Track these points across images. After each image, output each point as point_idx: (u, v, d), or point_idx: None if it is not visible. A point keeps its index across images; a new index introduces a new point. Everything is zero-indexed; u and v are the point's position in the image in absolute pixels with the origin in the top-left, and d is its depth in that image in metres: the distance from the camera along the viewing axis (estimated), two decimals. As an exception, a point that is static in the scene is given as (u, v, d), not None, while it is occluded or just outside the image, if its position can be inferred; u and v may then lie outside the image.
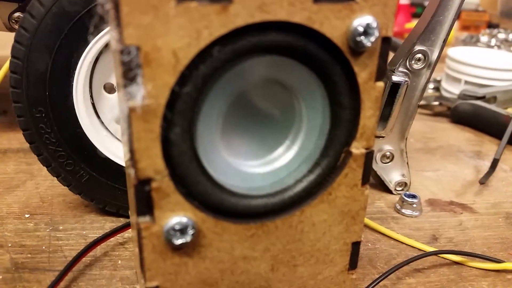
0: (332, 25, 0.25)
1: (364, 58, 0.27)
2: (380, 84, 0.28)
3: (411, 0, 1.43)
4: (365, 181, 0.31)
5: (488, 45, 1.14)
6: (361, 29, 0.25)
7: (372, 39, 0.26)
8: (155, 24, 0.22)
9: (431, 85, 0.88)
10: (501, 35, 1.21)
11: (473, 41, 1.17)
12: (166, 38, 0.22)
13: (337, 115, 0.28)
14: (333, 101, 0.28)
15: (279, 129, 0.30)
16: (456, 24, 1.54)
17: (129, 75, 0.22)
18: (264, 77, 0.27)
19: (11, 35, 0.50)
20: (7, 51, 0.38)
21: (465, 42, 1.18)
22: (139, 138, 0.23)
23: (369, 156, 0.30)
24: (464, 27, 1.54)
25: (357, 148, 0.29)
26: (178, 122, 0.24)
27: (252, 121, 0.29)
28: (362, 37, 0.26)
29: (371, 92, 0.28)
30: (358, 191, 0.31)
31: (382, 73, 0.28)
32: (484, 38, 1.17)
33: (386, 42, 0.27)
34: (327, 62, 0.26)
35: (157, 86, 0.23)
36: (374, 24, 0.26)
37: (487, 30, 1.26)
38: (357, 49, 0.26)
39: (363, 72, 0.27)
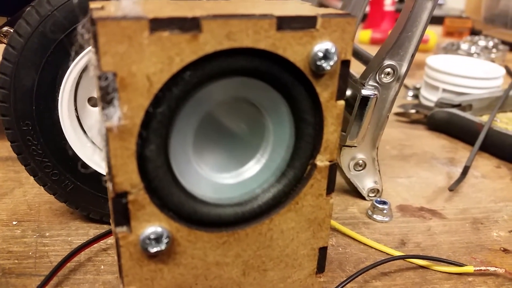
0: (295, 51, 0.28)
1: (325, 79, 0.29)
2: (341, 102, 0.30)
3: (396, 6, 1.46)
4: (329, 191, 0.33)
5: (468, 53, 1.18)
6: (321, 54, 0.28)
7: (331, 63, 0.28)
8: (130, 52, 0.24)
9: (410, 93, 0.91)
10: (482, 43, 1.24)
11: (454, 49, 1.20)
12: (141, 65, 0.24)
13: (301, 130, 0.31)
14: (297, 118, 0.31)
15: (248, 143, 0.32)
16: (440, 30, 1.57)
17: (106, 98, 0.24)
18: (233, 96, 0.30)
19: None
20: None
21: (446, 50, 1.21)
22: (115, 155, 0.26)
23: (332, 168, 0.32)
24: (448, 33, 1.57)
25: (321, 161, 0.32)
26: (152, 140, 0.26)
27: (223, 135, 0.32)
28: (322, 61, 0.28)
29: (333, 110, 0.30)
30: (323, 200, 0.33)
31: (342, 92, 0.30)
32: (464, 46, 1.20)
33: (345, 65, 0.29)
34: (290, 83, 0.29)
35: (132, 108, 0.25)
36: (333, 50, 0.28)
37: (468, 38, 1.30)
38: (318, 72, 0.29)
39: (325, 92, 0.30)
